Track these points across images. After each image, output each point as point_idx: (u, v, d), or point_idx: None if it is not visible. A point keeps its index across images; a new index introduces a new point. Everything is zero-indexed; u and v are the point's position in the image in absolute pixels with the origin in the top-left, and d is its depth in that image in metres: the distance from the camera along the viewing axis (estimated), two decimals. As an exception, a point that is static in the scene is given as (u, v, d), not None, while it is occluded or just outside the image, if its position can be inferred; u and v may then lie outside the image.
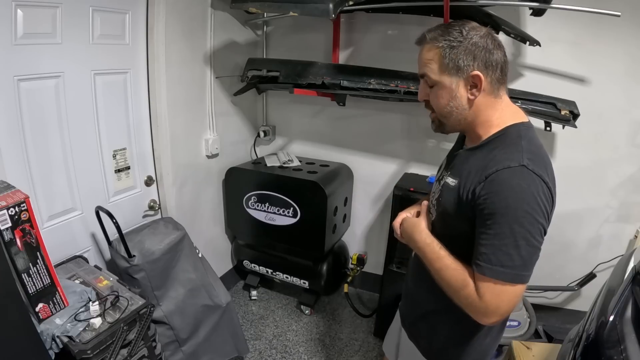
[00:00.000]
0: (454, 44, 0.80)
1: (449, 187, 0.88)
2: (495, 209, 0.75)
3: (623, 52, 1.77)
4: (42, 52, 1.36)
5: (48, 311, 1.17)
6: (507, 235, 0.74)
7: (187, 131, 2.01)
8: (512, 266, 0.75)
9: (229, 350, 1.87)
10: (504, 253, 0.75)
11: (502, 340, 1.85)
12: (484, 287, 0.77)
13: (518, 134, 0.84)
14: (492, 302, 0.77)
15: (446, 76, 0.82)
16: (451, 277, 0.83)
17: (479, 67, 0.81)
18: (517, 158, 0.77)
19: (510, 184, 0.75)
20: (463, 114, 0.85)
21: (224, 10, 2.07)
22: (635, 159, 1.90)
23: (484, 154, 0.83)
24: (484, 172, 0.78)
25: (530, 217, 0.74)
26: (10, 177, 1.28)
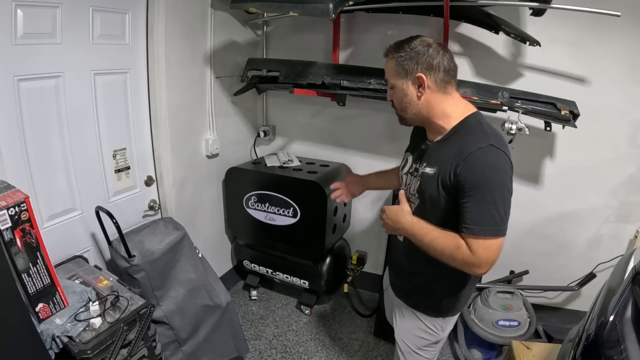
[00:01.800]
0: (402, 54, 1.02)
1: (429, 176, 1.05)
2: (475, 181, 0.94)
3: (623, 52, 1.77)
4: (42, 52, 1.36)
5: (48, 311, 1.17)
6: (488, 201, 0.94)
7: (187, 131, 2.01)
8: (495, 224, 0.95)
9: (229, 350, 1.87)
10: (487, 215, 0.94)
11: (502, 340, 1.87)
12: (475, 244, 0.95)
13: (477, 121, 1.04)
14: (483, 255, 0.95)
15: (398, 79, 1.05)
16: (444, 245, 0.99)
17: (422, 70, 1.01)
18: (485, 140, 0.97)
19: (484, 160, 0.95)
20: (416, 108, 1.06)
21: (224, 10, 2.07)
22: (635, 159, 1.90)
23: (453, 142, 1.02)
24: (461, 156, 0.96)
25: (502, 184, 0.95)
26: (10, 177, 1.29)
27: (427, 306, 1.22)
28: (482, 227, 0.94)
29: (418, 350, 1.28)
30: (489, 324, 1.91)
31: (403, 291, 1.28)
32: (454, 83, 1.05)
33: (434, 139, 1.09)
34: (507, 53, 1.96)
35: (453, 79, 1.05)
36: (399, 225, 1.09)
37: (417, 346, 1.28)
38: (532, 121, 1.79)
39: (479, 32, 1.92)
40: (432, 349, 1.29)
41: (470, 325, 1.95)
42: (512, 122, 1.66)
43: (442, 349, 2.13)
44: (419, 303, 1.23)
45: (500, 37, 1.88)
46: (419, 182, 1.09)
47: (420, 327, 1.24)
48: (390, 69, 1.07)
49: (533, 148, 2.01)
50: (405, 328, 1.28)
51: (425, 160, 1.09)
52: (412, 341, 1.28)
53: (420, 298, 1.23)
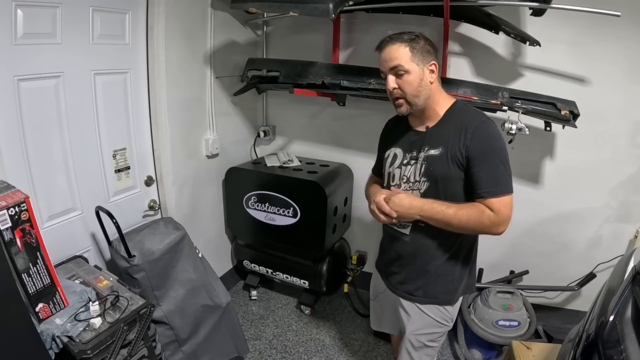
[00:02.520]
0: (418, 42, 1.11)
1: (436, 157, 1.14)
2: (486, 149, 1.08)
3: (623, 53, 1.77)
4: (42, 52, 1.36)
5: (48, 311, 1.17)
6: (498, 164, 1.08)
7: (187, 131, 2.01)
8: (506, 182, 1.08)
9: (229, 350, 1.87)
10: (500, 176, 1.08)
11: (502, 340, 1.87)
12: (497, 204, 1.07)
13: (465, 105, 1.19)
14: (505, 212, 1.08)
15: (414, 65, 1.11)
16: (468, 213, 1.08)
17: (434, 58, 1.14)
18: (482, 116, 1.13)
19: (488, 131, 1.09)
20: (428, 93, 1.14)
21: (224, 11, 2.07)
22: (635, 159, 1.90)
23: (452, 123, 1.14)
24: (466, 131, 1.09)
25: (505, 149, 1.10)
26: (10, 177, 1.28)
27: (441, 293, 1.25)
28: (500, 187, 1.07)
29: (429, 342, 1.32)
30: (489, 324, 1.91)
31: (410, 290, 1.28)
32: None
33: (430, 124, 1.18)
34: (507, 53, 1.96)
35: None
36: (415, 209, 1.13)
37: (428, 340, 1.31)
38: (532, 121, 1.79)
39: (479, 32, 1.92)
40: (441, 339, 1.35)
41: (470, 325, 1.95)
42: (512, 122, 1.66)
43: (442, 348, 2.14)
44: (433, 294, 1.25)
45: (500, 37, 1.88)
46: (424, 166, 1.16)
47: (430, 323, 1.28)
48: (405, 55, 1.10)
49: (533, 148, 2.01)
50: (416, 326, 1.29)
51: (426, 144, 1.16)
52: (424, 337, 1.30)
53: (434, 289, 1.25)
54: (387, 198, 1.17)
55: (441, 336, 1.33)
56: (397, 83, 1.13)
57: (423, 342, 1.30)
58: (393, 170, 1.26)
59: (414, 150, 1.19)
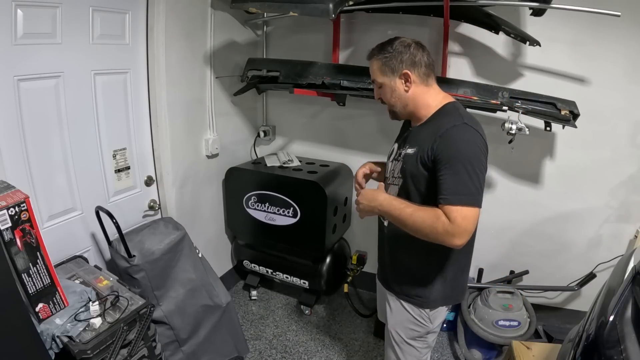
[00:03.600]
0: (386, 54, 1.14)
1: (410, 155, 1.14)
2: (450, 154, 1.02)
3: (623, 53, 1.77)
4: (42, 52, 1.36)
5: (48, 311, 1.17)
6: (462, 172, 1.00)
7: (187, 131, 2.01)
8: (470, 193, 1.00)
9: (229, 350, 1.87)
10: (463, 185, 1.00)
11: (502, 340, 1.86)
12: (453, 213, 0.99)
13: (454, 107, 1.15)
14: (462, 223, 0.99)
15: (386, 78, 1.16)
16: (424, 216, 1.03)
17: (407, 66, 1.13)
18: (459, 120, 1.07)
19: (458, 135, 1.04)
20: (405, 101, 1.16)
21: (224, 10, 2.07)
22: (635, 159, 1.90)
23: (431, 125, 1.13)
24: (436, 134, 1.06)
25: (475, 157, 1.02)
26: (10, 177, 1.29)
27: (414, 295, 1.24)
28: (459, 196, 1.00)
29: (410, 340, 1.31)
30: (489, 324, 1.91)
31: (390, 281, 1.31)
32: (434, 76, 1.18)
33: (416, 125, 1.21)
34: (507, 53, 1.96)
35: (433, 72, 1.17)
36: (376, 202, 1.14)
37: (408, 337, 1.30)
38: (532, 121, 1.79)
39: (479, 32, 1.92)
40: (423, 339, 1.31)
41: (470, 325, 1.95)
42: (512, 122, 1.66)
43: (442, 349, 2.14)
44: (407, 293, 1.26)
45: (500, 37, 1.88)
46: (401, 164, 1.19)
47: (408, 319, 1.28)
48: (377, 69, 1.18)
49: (533, 148, 2.01)
50: (396, 320, 1.31)
51: (407, 143, 1.19)
52: (403, 332, 1.31)
53: (408, 288, 1.25)
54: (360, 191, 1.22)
55: (422, 337, 1.30)
56: (379, 94, 1.22)
57: (403, 338, 1.31)
58: (388, 162, 1.31)
59: (401, 147, 1.24)
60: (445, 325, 2.28)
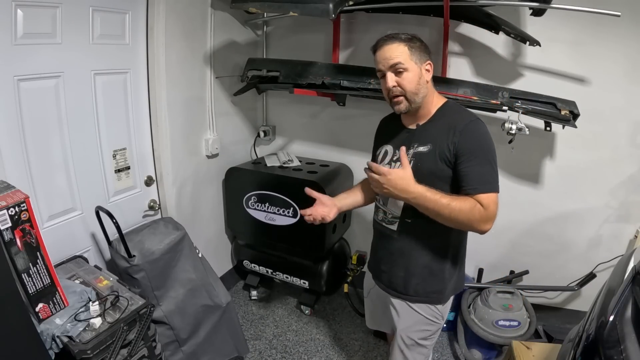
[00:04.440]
0: (414, 42, 1.15)
1: (424, 153, 1.16)
2: (474, 147, 1.10)
3: (623, 52, 1.77)
4: (42, 52, 1.36)
5: (48, 311, 1.17)
6: (486, 163, 1.10)
7: (187, 131, 2.01)
8: (494, 181, 1.12)
9: (229, 350, 1.87)
10: (489, 174, 1.11)
11: (502, 340, 1.86)
12: (487, 200, 1.08)
13: (456, 105, 1.22)
14: (492, 209, 1.10)
15: (413, 64, 1.14)
16: (461, 205, 1.07)
17: (429, 58, 1.17)
18: (471, 116, 1.15)
19: (478, 130, 1.12)
20: (425, 91, 1.17)
21: (224, 10, 2.07)
22: (635, 159, 1.89)
23: (442, 122, 1.17)
24: (456, 129, 1.11)
25: (493, 149, 1.13)
26: (10, 177, 1.29)
27: (431, 293, 1.25)
28: (489, 185, 1.10)
29: (421, 340, 1.32)
30: (489, 324, 1.91)
31: (400, 287, 1.28)
32: None
33: (420, 122, 1.22)
34: (507, 53, 1.96)
35: None
36: (408, 195, 1.10)
37: (420, 338, 1.31)
38: (532, 121, 1.79)
39: (479, 32, 1.92)
40: (434, 337, 1.34)
41: (470, 325, 1.95)
42: (512, 122, 1.66)
43: (442, 349, 2.14)
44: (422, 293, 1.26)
45: (500, 37, 1.88)
46: (412, 162, 1.18)
47: (421, 321, 1.28)
48: (404, 53, 1.13)
49: (533, 148, 2.01)
50: (407, 324, 1.30)
51: (415, 142, 1.19)
52: (415, 335, 1.31)
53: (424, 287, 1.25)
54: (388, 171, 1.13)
55: (433, 334, 1.32)
56: (397, 81, 1.15)
57: (415, 340, 1.31)
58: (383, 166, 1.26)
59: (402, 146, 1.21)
60: (445, 325, 2.28)
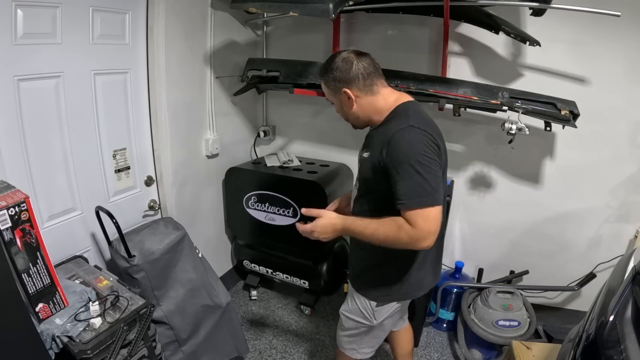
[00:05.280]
0: (327, 76, 1.17)
1: (365, 159, 1.17)
2: (399, 159, 1.03)
3: (623, 52, 1.77)
4: (42, 52, 1.36)
5: (48, 311, 1.17)
6: (413, 174, 1.00)
7: (187, 131, 2.01)
8: (426, 194, 1.00)
9: (229, 350, 1.87)
10: (418, 187, 1.00)
11: (502, 340, 1.86)
12: (413, 217, 1.00)
13: (405, 109, 1.15)
14: (425, 226, 1.00)
15: (333, 97, 1.20)
16: (385, 230, 1.04)
17: (344, 85, 1.14)
18: (406, 122, 1.07)
19: (402, 138, 1.04)
20: (355, 114, 1.20)
21: (224, 10, 2.07)
22: (635, 159, 1.90)
23: (382, 129, 1.14)
24: (385, 139, 1.07)
25: (424, 156, 1.02)
26: (10, 177, 1.29)
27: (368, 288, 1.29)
28: (416, 199, 1.00)
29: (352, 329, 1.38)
30: (489, 324, 1.91)
31: (351, 274, 1.37)
32: (379, 81, 1.17)
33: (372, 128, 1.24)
34: (507, 53, 1.96)
35: (376, 79, 1.16)
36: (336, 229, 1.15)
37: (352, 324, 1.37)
38: (532, 121, 1.79)
39: (479, 32, 1.92)
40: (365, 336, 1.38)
41: (470, 325, 1.95)
42: (512, 122, 1.66)
43: (442, 349, 2.14)
44: (361, 284, 1.31)
45: (500, 37, 1.88)
46: (359, 166, 1.23)
47: (355, 310, 1.33)
48: (325, 90, 1.22)
49: (533, 148, 2.01)
50: (346, 308, 1.38)
51: (365, 147, 1.22)
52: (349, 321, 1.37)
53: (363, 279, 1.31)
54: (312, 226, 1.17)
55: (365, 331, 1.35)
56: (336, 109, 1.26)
57: (346, 325, 1.38)
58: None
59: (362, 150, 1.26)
60: (445, 326, 2.29)
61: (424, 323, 2.17)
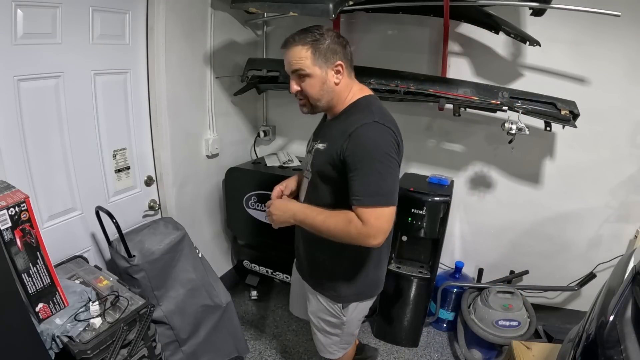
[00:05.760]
0: (318, 41, 1.05)
1: (320, 151, 1.13)
2: (359, 155, 1.00)
3: (623, 52, 1.77)
4: (42, 52, 1.36)
5: (48, 311, 1.17)
6: (373, 172, 0.99)
7: (187, 131, 2.01)
8: (382, 193, 0.99)
9: (229, 350, 1.87)
10: (374, 185, 0.99)
11: (502, 340, 1.86)
12: (366, 215, 0.99)
13: (367, 103, 1.12)
14: (375, 224, 0.99)
15: (317, 68, 1.06)
16: (336, 222, 1.03)
17: (340, 57, 1.08)
18: (370, 117, 1.04)
19: (366, 135, 1.01)
20: (332, 94, 1.11)
21: (224, 10, 2.07)
22: (635, 159, 1.90)
23: (342, 120, 1.11)
24: (347, 132, 1.03)
25: (385, 156, 1.00)
26: (10, 177, 1.28)
27: (327, 289, 1.27)
28: (371, 198, 0.99)
29: (328, 327, 1.35)
30: (489, 324, 1.91)
31: (306, 275, 1.35)
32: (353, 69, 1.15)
33: (330, 118, 1.19)
34: (507, 53, 1.96)
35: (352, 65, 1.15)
36: (289, 212, 1.13)
37: (326, 324, 1.34)
38: (532, 121, 1.79)
39: (479, 32, 1.92)
40: (340, 331, 1.35)
41: (470, 325, 1.95)
42: (512, 122, 1.66)
43: (442, 349, 2.14)
44: (320, 287, 1.29)
45: (500, 37, 1.88)
46: (312, 158, 1.17)
47: (323, 310, 1.31)
48: (305, 57, 1.05)
49: (533, 148, 2.01)
50: (313, 309, 1.36)
51: (319, 137, 1.18)
52: (320, 322, 1.35)
53: (321, 282, 1.29)
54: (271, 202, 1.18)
55: (339, 327, 1.33)
56: (300, 86, 1.10)
57: (323, 326, 1.35)
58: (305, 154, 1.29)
59: (315, 140, 1.22)
60: (445, 326, 2.29)
61: (424, 323, 2.18)
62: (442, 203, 1.91)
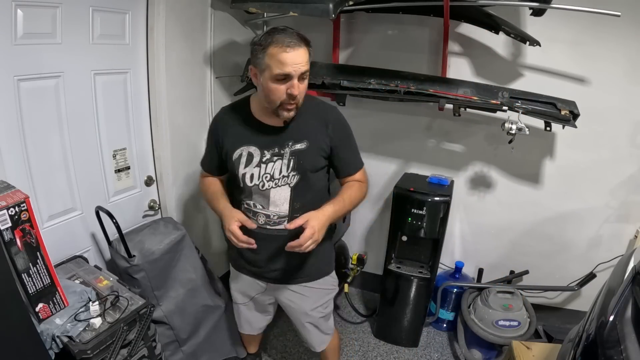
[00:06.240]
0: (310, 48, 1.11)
1: (304, 150, 1.21)
2: (347, 132, 1.30)
3: (623, 52, 1.77)
4: (42, 52, 1.36)
5: (48, 311, 1.18)
6: (353, 143, 1.33)
7: (187, 131, 2.00)
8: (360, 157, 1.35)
9: (229, 350, 1.87)
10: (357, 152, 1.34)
11: (502, 340, 1.87)
12: (360, 175, 1.34)
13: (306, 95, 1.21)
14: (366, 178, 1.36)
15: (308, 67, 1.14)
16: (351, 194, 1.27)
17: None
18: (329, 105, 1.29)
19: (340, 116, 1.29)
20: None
21: (224, 10, 2.07)
22: (635, 159, 1.90)
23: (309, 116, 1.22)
24: (325, 121, 1.23)
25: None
26: (10, 177, 1.28)
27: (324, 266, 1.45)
28: (360, 162, 1.34)
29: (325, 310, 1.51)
30: (489, 324, 1.91)
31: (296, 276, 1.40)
32: None
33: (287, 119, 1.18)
34: (507, 53, 1.96)
35: None
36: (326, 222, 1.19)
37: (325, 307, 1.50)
38: (532, 121, 1.79)
39: (479, 32, 1.92)
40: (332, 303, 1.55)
41: (470, 325, 1.95)
42: (512, 122, 1.66)
43: (442, 349, 2.15)
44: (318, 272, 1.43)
45: (500, 37, 1.88)
46: (292, 160, 1.21)
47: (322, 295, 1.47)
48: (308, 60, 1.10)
49: (533, 148, 2.01)
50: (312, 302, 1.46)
51: (289, 139, 1.21)
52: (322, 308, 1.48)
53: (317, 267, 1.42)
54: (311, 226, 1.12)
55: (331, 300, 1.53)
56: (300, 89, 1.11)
57: (323, 312, 1.49)
58: (250, 170, 1.24)
59: (274, 146, 1.20)
60: (445, 326, 2.29)
61: (424, 323, 2.18)
62: (442, 203, 1.91)
